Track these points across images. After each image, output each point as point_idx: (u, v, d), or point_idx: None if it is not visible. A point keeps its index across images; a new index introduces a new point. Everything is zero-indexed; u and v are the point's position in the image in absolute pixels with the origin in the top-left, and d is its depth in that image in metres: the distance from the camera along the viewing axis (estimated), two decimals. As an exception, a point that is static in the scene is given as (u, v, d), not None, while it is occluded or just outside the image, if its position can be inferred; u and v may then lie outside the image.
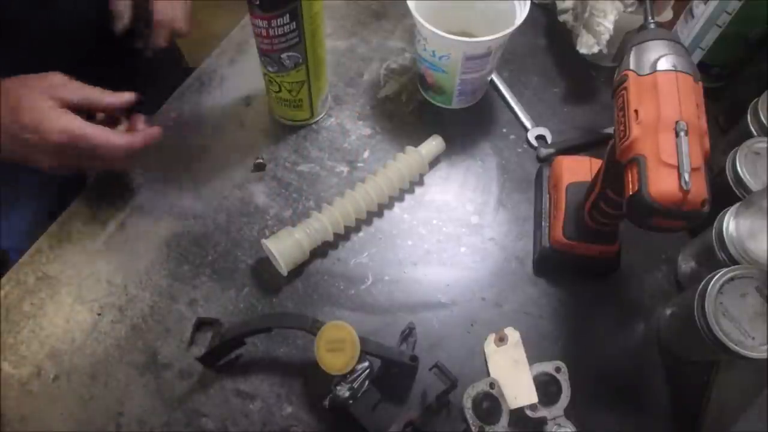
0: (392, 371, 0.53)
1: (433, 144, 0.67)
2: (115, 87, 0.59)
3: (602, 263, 0.60)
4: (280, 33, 0.57)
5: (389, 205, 0.65)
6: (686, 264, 0.60)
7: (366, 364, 0.50)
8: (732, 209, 0.53)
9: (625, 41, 0.70)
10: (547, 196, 0.63)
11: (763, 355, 0.45)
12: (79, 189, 0.65)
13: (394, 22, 0.80)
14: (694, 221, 0.40)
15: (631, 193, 0.41)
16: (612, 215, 0.53)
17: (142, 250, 0.62)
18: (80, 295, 0.59)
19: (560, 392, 0.51)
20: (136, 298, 0.59)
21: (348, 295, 0.60)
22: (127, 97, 0.59)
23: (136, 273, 0.61)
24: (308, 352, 0.54)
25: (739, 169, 0.56)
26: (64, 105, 0.55)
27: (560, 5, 0.75)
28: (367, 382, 0.50)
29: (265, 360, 0.56)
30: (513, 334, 0.56)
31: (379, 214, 0.65)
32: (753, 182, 0.55)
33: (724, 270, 0.48)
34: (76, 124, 0.54)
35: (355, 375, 0.49)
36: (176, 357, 0.56)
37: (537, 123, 0.71)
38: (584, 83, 0.75)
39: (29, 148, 0.54)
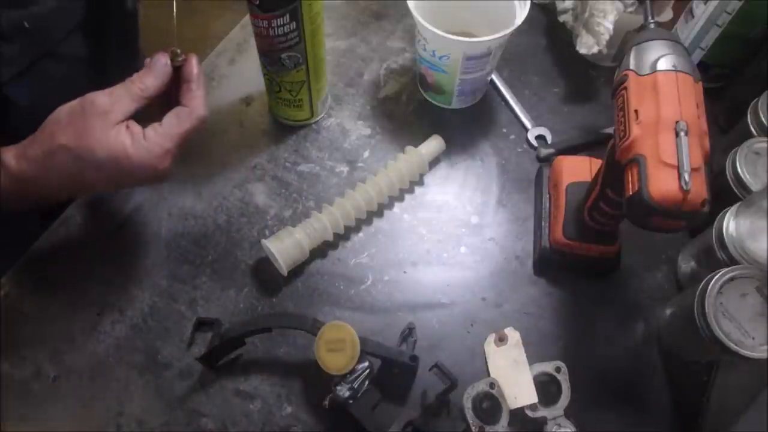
0: (392, 371, 0.53)
1: (433, 144, 0.67)
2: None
3: (602, 263, 0.60)
4: (280, 33, 0.57)
5: (389, 205, 0.65)
6: (686, 264, 0.60)
7: (366, 364, 0.50)
8: (732, 209, 0.53)
9: (625, 41, 0.70)
10: (547, 196, 0.63)
11: (763, 355, 0.45)
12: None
13: (394, 22, 0.80)
14: (694, 221, 0.40)
15: (631, 193, 0.41)
16: (612, 215, 0.53)
17: (142, 250, 0.62)
18: (80, 295, 0.59)
19: (560, 392, 0.51)
20: (136, 298, 0.59)
21: (348, 295, 0.60)
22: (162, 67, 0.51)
23: (136, 273, 0.61)
24: (308, 352, 0.54)
25: (739, 169, 0.56)
26: (121, 122, 0.49)
27: (560, 5, 0.75)
28: (367, 382, 0.50)
29: (265, 360, 0.56)
30: (513, 334, 0.56)
31: (379, 214, 0.65)
32: (753, 182, 0.55)
33: (724, 270, 0.48)
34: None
35: (355, 375, 0.49)
36: (176, 357, 0.56)
37: (537, 123, 0.71)
38: (584, 83, 0.75)
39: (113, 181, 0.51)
